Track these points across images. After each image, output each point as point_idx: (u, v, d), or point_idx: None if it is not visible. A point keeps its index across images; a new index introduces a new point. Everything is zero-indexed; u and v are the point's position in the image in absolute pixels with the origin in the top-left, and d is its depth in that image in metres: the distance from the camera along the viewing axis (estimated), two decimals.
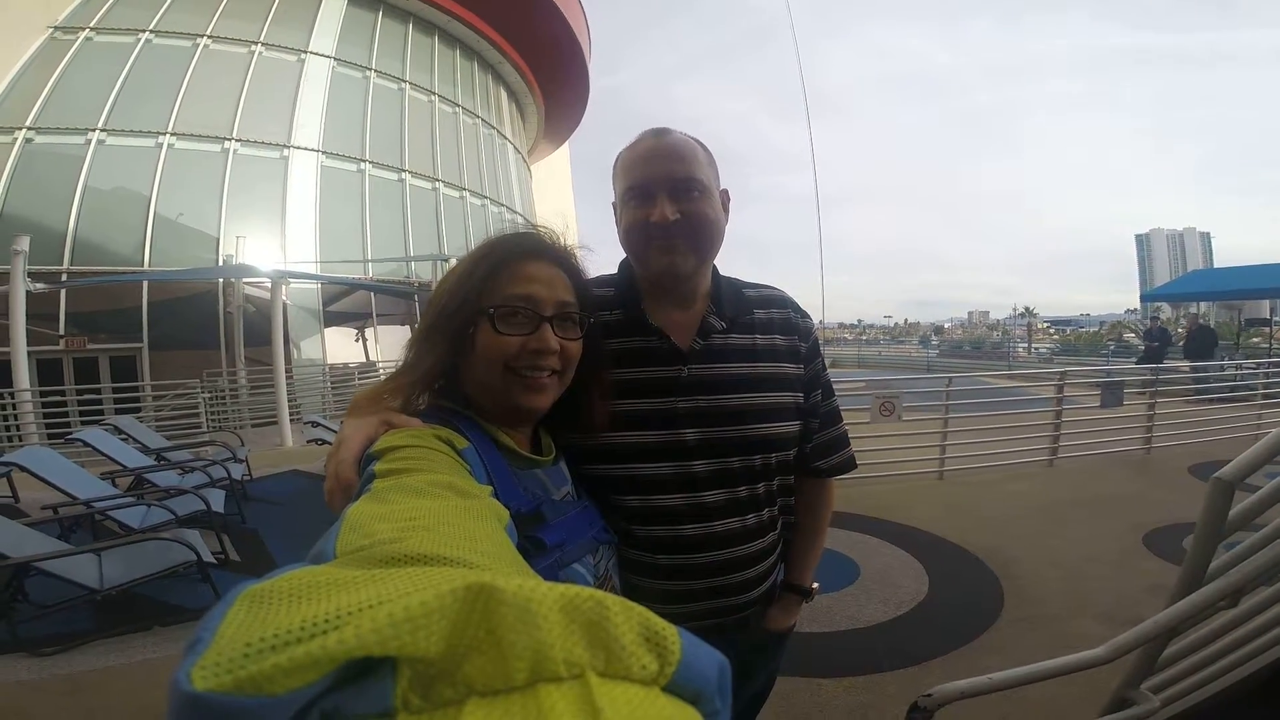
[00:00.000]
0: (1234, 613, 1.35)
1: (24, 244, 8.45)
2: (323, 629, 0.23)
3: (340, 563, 0.36)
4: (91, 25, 12.97)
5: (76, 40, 12.78)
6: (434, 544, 0.37)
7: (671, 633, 0.26)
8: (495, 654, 0.23)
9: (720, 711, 0.26)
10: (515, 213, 19.07)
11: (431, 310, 0.81)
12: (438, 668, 0.22)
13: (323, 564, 0.35)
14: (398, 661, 0.22)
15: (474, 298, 0.78)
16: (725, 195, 1.07)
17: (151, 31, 13.19)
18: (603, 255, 1.00)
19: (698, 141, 1.04)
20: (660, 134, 1.03)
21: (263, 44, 14.04)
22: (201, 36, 13.48)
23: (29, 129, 11.88)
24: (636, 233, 1.01)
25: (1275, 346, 14.22)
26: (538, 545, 0.71)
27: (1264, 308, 14.66)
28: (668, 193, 0.98)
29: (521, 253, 0.81)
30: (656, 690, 0.24)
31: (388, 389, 0.78)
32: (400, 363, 0.82)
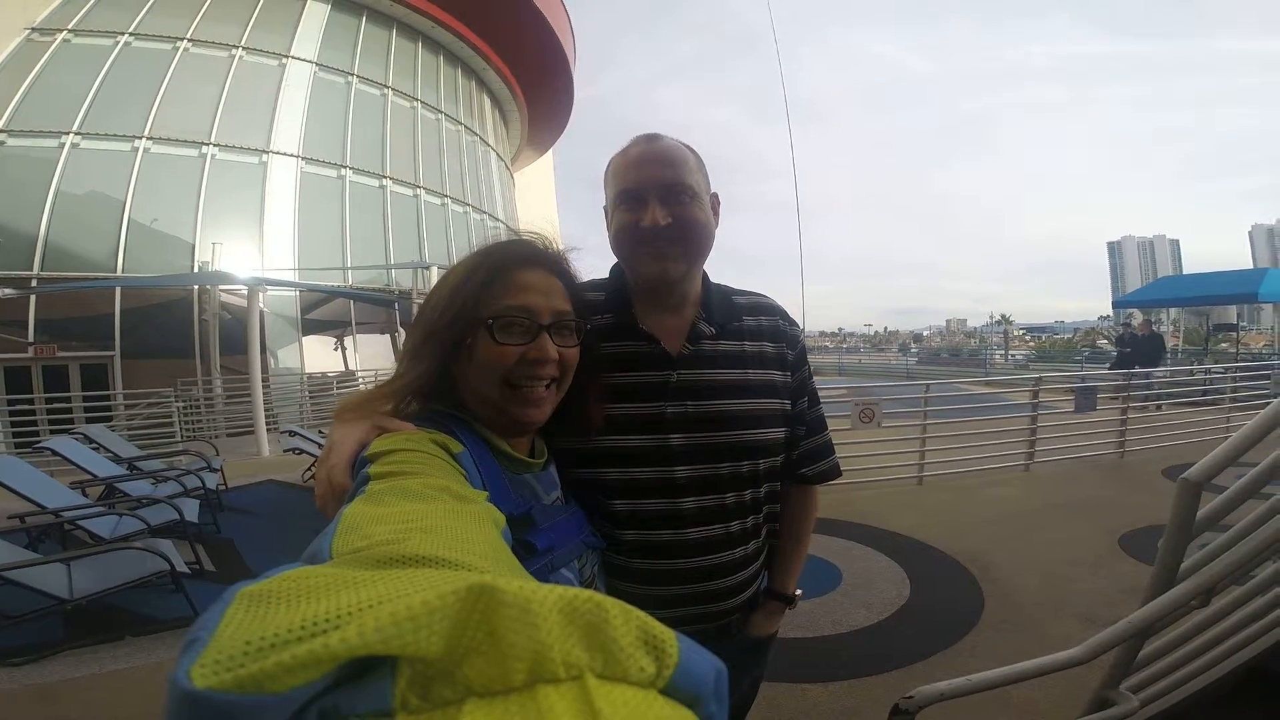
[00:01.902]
0: (1206, 612, 1.38)
1: None
2: (323, 628, 0.23)
3: (338, 563, 0.36)
4: (70, 27, 12.77)
5: (54, 42, 12.58)
6: (433, 546, 0.36)
7: (669, 636, 0.26)
8: (495, 654, 0.23)
9: (716, 715, 0.27)
10: (498, 220, 19.01)
11: (424, 320, 0.80)
12: (437, 668, 0.22)
13: (319, 565, 0.35)
14: (397, 661, 0.22)
15: (471, 307, 0.77)
16: (715, 199, 1.08)
17: (131, 34, 13.03)
18: (589, 262, 1.00)
19: (688, 147, 1.04)
20: (651, 139, 1.03)
21: (244, 48, 13.91)
22: (182, 39, 13.33)
23: (1, 132, 11.65)
24: (627, 237, 1.01)
25: (1242, 351, 14.58)
26: (528, 549, 0.71)
27: (1231, 313, 15.05)
28: (658, 197, 0.99)
29: (517, 261, 0.81)
30: (654, 693, 0.24)
31: (378, 395, 0.76)
32: (392, 371, 0.81)
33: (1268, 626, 1.44)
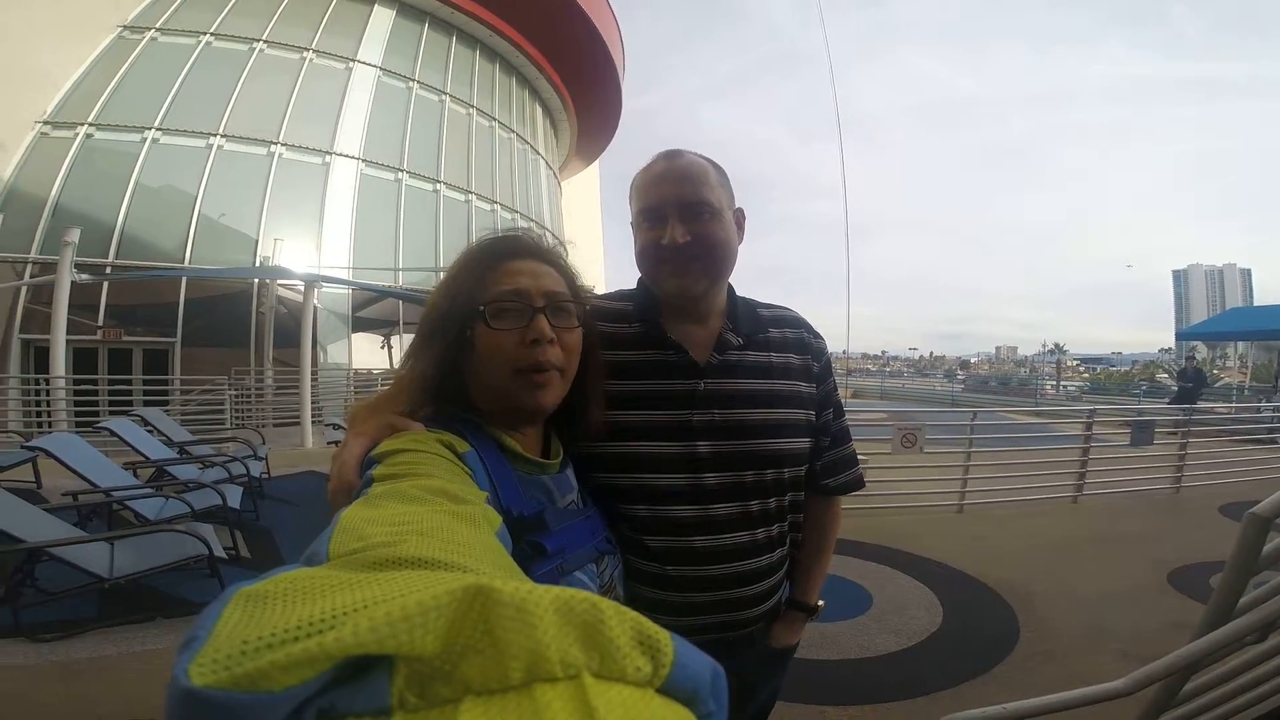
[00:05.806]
0: (1260, 648, 1.29)
1: (74, 236, 8.79)
2: (319, 627, 0.23)
3: (334, 565, 0.37)
4: (158, 26, 13.53)
5: (143, 40, 13.34)
6: (428, 548, 0.37)
7: (664, 636, 0.26)
8: (492, 654, 0.23)
9: (715, 714, 0.27)
10: (545, 229, 19.28)
11: (426, 319, 0.82)
12: (434, 667, 0.23)
13: (316, 566, 0.36)
14: (395, 660, 0.23)
15: (464, 301, 0.78)
16: (740, 215, 1.09)
17: (212, 34, 13.73)
18: (632, 273, 1.06)
19: (710, 162, 1.06)
20: (672, 156, 1.05)
21: (314, 51, 14.52)
22: (258, 41, 13.99)
23: (90, 125, 12.37)
24: (649, 255, 1.04)
25: None
26: (538, 550, 0.71)
27: None
28: (678, 215, 1.00)
29: (505, 253, 0.82)
30: (651, 691, 0.24)
31: (388, 395, 0.80)
32: (400, 372, 0.84)
33: None
